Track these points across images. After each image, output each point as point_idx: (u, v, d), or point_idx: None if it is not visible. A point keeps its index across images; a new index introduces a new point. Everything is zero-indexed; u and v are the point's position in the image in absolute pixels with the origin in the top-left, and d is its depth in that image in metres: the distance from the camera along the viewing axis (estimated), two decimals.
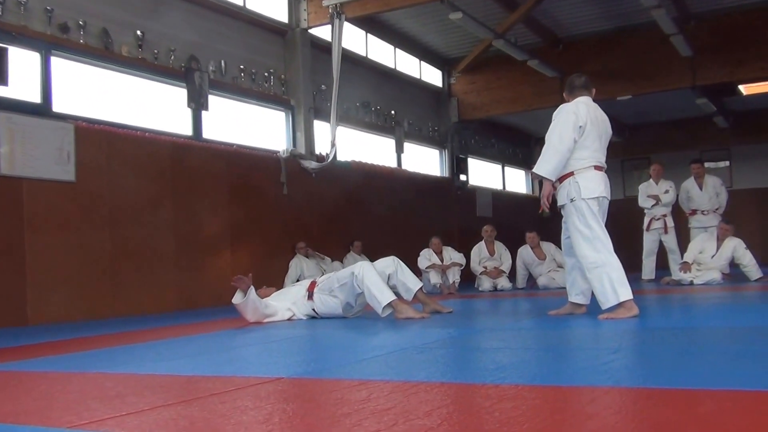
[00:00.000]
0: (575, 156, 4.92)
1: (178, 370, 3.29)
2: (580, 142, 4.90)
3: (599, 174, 4.98)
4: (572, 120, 4.89)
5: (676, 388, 2.32)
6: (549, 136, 4.96)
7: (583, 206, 4.88)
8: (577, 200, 4.90)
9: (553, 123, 4.99)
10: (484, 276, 10.17)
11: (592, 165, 4.96)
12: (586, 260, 4.87)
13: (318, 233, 10.22)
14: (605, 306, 4.81)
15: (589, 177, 4.92)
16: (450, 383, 2.62)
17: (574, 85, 5.19)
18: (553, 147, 4.90)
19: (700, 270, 9.06)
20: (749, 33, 11.67)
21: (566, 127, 4.88)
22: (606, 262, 4.79)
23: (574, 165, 4.93)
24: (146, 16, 8.33)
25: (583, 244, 4.90)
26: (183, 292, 8.24)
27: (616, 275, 4.77)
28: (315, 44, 10.69)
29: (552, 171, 4.91)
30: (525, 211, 17.03)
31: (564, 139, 4.86)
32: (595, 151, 4.97)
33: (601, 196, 4.94)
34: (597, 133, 4.99)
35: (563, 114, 4.97)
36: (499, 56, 12.63)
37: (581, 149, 4.92)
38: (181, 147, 8.43)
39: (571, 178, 4.94)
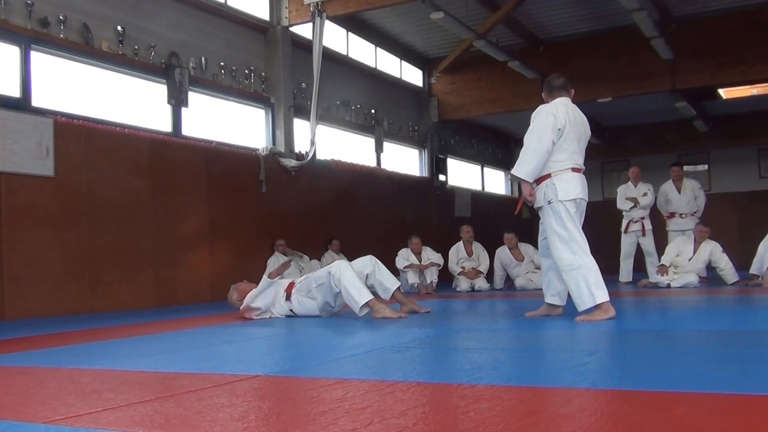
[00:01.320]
0: (553, 158, 4.91)
1: (155, 367, 3.28)
2: (558, 144, 4.90)
3: (577, 175, 4.98)
4: (551, 122, 4.88)
5: (652, 391, 2.34)
6: (527, 138, 4.96)
7: (560, 208, 4.88)
8: (554, 202, 4.90)
9: (532, 125, 4.99)
10: (461, 276, 10.19)
11: (570, 167, 4.95)
12: (562, 262, 4.89)
13: (296, 231, 10.20)
14: (582, 308, 4.83)
15: (566, 179, 4.92)
16: (426, 383, 2.62)
17: (553, 85, 5.20)
18: (531, 149, 4.89)
19: (677, 273, 9.14)
20: (730, 37, 11.79)
21: (545, 129, 4.87)
22: (582, 264, 4.80)
23: (551, 167, 4.92)
24: (127, 12, 8.27)
25: (559, 245, 4.91)
26: (161, 289, 8.19)
27: (593, 277, 4.78)
28: (296, 42, 10.67)
29: (530, 173, 4.91)
30: (504, 212, 17.09)
31: (542, 141, 4.85)
32: (572, 153, 4.97)
33: (579, 198, 4.94)
34: (575, 134, 4.98)
35: (542, 115, 4.96)
36: (480, 57, 12.66)
37: (559, 151, 4.91)
38: (161, 143, 8.38)
39: (548, 179, 4.94)
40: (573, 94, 5.22)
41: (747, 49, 11.64)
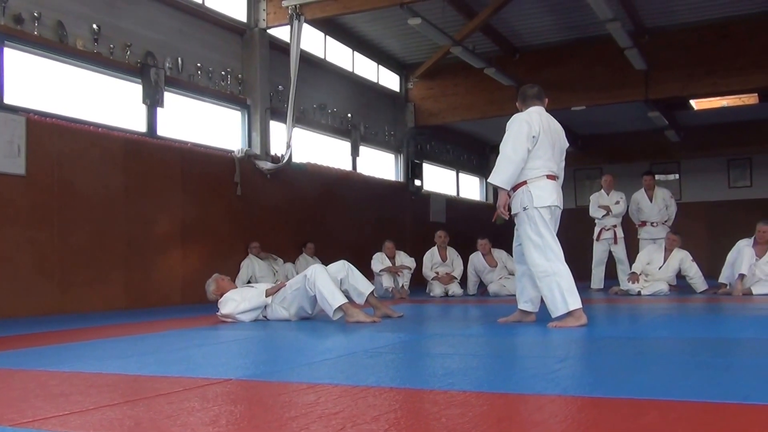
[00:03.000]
0: (528, 165, 4.95)
1: (124, 370, 3.25)
2: (533, 152, 4.94)
3: (552, 183, 5.03)
4: (525, 130, 4.93)
5: (622, 398, 2.36)
6: (503, 146, 5.00)
7: (535, 215, 4.92)
8: (530, 209, 4.93)
9: (507, 133, 5.03)
10: (435, 282, 10.21)
11: (545, 174, 5.00)
12: (536, 268, 4.92)
13: (271, 234, 10.16)
14: (555, 314, 4.86)
15: (541, 186, 4.97)
16: (398, 388, 2.62)
17: (527, 95, 5.25)
18: (507, 157, 4.94)
19: (647, 281, 9.23)
20: (701, 49, 11.95)
21: (519, 137, 4.92)
22: (556, 271, 4.84)
23: (527, 174, 4.97)
24: (103, 11, 8.20)
25: (534, 252, 4.94)
26: (132, 291, 8.12)
27: (566, 284, 4.82)
28: (273, 45, 10.65)
29: (507, 180, 4.95)
30: (478, 218, 17.15)
31: (517, 149, 4.90)
32: (547, 161, 5.02)
33: (554, 205, 4.98)
34: (549, 142, 5.04)
35: (516, 124, 5.01)
36: (457, 63, 12.71)
37: (534, 158, 4.95)
38: (135, 143, 8.32)
39: (524, 186, 4.97)
40: (547, 103, 5.27)
41: (718, 61, 11.81)
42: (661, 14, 11.74)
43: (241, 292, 5.98)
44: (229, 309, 5.76)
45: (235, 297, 5.82)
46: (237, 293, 5.91)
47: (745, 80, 11.85)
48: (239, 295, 5.87)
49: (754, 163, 17.53)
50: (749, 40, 11.65)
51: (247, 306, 5.72)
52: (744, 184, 17.62)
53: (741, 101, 14.22)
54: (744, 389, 2.49)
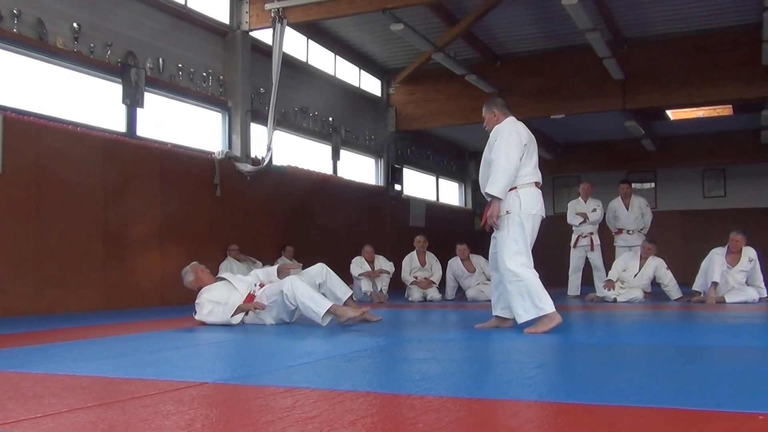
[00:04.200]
0: (519, 173, 5.04)
1: (99, 372, 3.22)
2: (523, 160, 5.04)
3: (538, 191, 5.16)
4: (515, 139, 5.02)
5: (597, 404, 2.39)
6: (497, 156, 5.03)
7: (517, 221, 5.00)
8: (513, 213, 5.01)
9: (498, 143, 5.08)
10: (414, 286, 10.23)
11: (533, 181, 5.12)
12: (508, 272, 4.99)
13: (250, 236, 10.13)
14: (522, 319, 4.94)
15: (530, 193, 5.08)
16: (376, 393, 2.63)
17: (505, 105, 5.41)
18: (502, 167, 4.98)
19: (623, 288, 9.32)
20: (678, 61, 12.10)
21: (511, 146, 5.00)
22: (527, 277, 4.92)
23: (517, 181, 5.04)
24: (84, 9, 8.14)
25: (508, 255, 5.00)
26: (109, 291, 8.05)
27: (535, 289, 4.90)
28: (255, 47, 10.63)
29: (503, 190, 5.00)
30: (457, 223, 17.26)
31: (511, 158, 4.97)
32: (534, 167, 5.14)
33: (539, 214, 5.11)
34: (533, 150, 5.17)
35: (505, 134, 5.07)
36: (438, 69, 12.76)
37: (524, 166, 5.06)
38: (114, 143, 8.26)
39: (513, 191, 5.04)
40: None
41: (694, 73, 11.96)
42: (639, 25, 11.87)
43: (216, 292, 5.85)
44: (200, 316, 5.74)
45: (207, 303, 5.74)
46: (212, 295, 5.80)
47: (721, 92, 12.02)
48: (213, 297, 5.79)
49: (728, 173, 17.74)
50: (725, 52, 11.81)
51: (215, 320, 5.67)
52: (718, 194, 17.83)
53: (716, 112, 14.41)
54: (716, 396, 2.53)
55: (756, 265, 8.84)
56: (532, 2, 11.02)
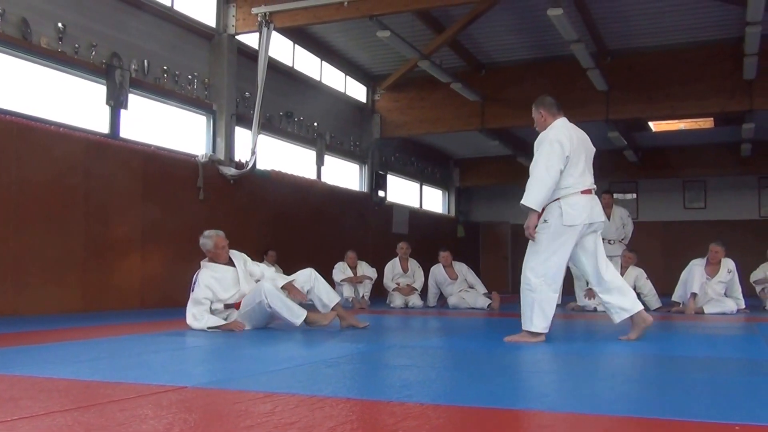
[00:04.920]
0: (560, 185, 4.85)
1: (78, 375, 3.21)
2: (566, 171, 4.85)
3: (586, 198, 4.93)
4: (557, 151, 4.83)
5: (573, 413, 2.40)
6: (534, 168, 4.87)
7: (552, 231, 4.83)
8: (551, 224, 4.83)
9: (537, 153, 4.91)
10: (396, 293, 10.24)
11: (579, 191, 4.90)
12: (525, 279, 4.86)
13: (232, 241, 10.00)
14: (525, 327, 4.85)
15: (573, 203, 4.86)
16: (356, 399, 2.64)
17: (554, 104, 5.24)
18: (539, 179, 4.81)
19: None
20: (661, 73, 12.21)
21: (551, 158, 4.82)
22: (540, 291, 4.80)
23: (559, 193, 4.86)
24: (69, 9, 8.10)
25: (532, 262, 4.86)
26: (89, 293, 8.00)
27: (545, 306, 4.78)
28: (241, 51, 10.62)
29: (539, 202, 4.82)
30: (440, 231, 17.30)
31: (550, 171, 4.79)
32: (580, 176, 4.93)
33: (585, 223, 4.88)
34: (582, 156, 4.98)
35: (546, 145, 4.90)
36: (424, 77, 12.79)
37: (566, 177, 4.86)
38: (97, 144, 8.21)
39: (555, 202, 4.86)
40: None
41: (676, 85, 12.08)
42: (623, 38, 11.97)
43: (218, 280, 5.75)
44: (192, 295, 5.69)
45: (203, 289, 5.64)
46: (210, 282, 5.69)
47: (702, 104, 12.14)
48: (211, 285, 5.68)
49: (708, 185, 17.93)
50: (707, 66, 11.94)
51: (194, 313, 5.62)
52: (699, 205, 18.00)
53: (698, 125, 14.54)
54: (693, 406, 2.55)
55: (734, 277, 8.93)
56: (518, 12, 11.09)
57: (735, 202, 17.69)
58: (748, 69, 11.04)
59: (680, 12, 10.93)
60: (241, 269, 5.83)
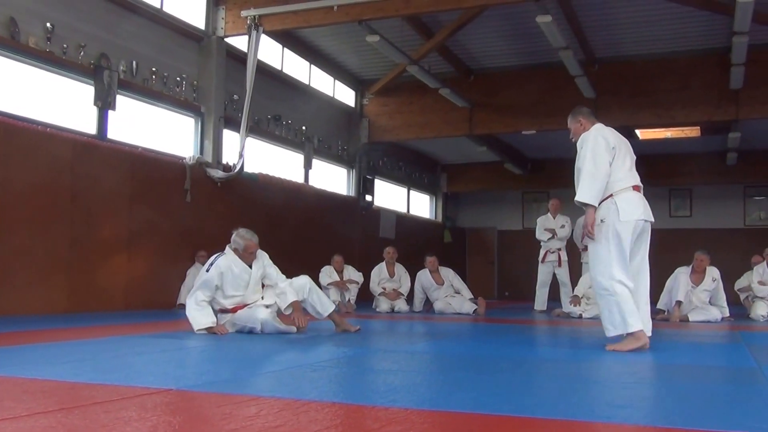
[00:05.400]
0: (612, 178, 4.81)
1: (62, 376, 3.19)
2: (614, 164, 4.82)
3: (638, 195, 4.90)
4: (602, 144, 4.82)
5: (556, 419, 2.42)
6: (583, 163, 4.86)
7: (612, 229, 4.75)
8: (609, 223, 4.76)
9: (583, 150, 4.91)
10: (382, 297, 10.25)
11: (631, 185, 4.87)
12: (597, 284, 4.80)
13: (219, 243, 9.99)
14: (611, 334, 4.76)
15: (628, 198, 4.82)
16: (341, 403, 2.64)
17: (591, 112, 5.22)
18: (589, 173, 4.79)
19: (589, 304, 9.40)
20: (648, 82, 12.29)
21: (598, 151, 4.80)
22: (618, 291, 4.69)
23: (612, 187, 4.81)
24: (58, 9, 8.07)
25: (598, 266, 4.80)
26: (74, 294, 7.95)
27: (626, 305, 4.67)
28: (230, 53, 10.61)
29: (594, 196, 4.77)
30: (427, 236, 17.31)
31: (599, 164, 4.77)
32: (629, 170, 4.91)
33: (640, 219, 4.84)
34: (626, 153, 4.96)
35: (591, 140, 4.88)
36: (412, 82, 12.82)
37: (616, 170, 4.82)
38: (84, 145, 8.18)
39: (609, 199, 4.81)
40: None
41: (663, 94, 12.16)
42: (611, 46, 12.04)
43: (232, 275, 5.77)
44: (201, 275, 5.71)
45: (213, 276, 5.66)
46: (223, 275, 5.71)
47: (689, 113, 12.23)
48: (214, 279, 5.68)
49: (694, 193, 18.05)
50: (694, 75, 12.04)
51: (193, 312, 5.61)
52: (684, 213, 18.11)
53: (684, 133, 14.63)
54: (679, 414, 2.57)
55: (719, 285, 8.99)
56: (507, 18, 11.14)
57: (720, 211, 17.81)
58: (735, 78, 11.13)
59: (668, 21, 11.01)
60: (255, 277, 5.80)
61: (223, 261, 5.74)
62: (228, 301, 5.74)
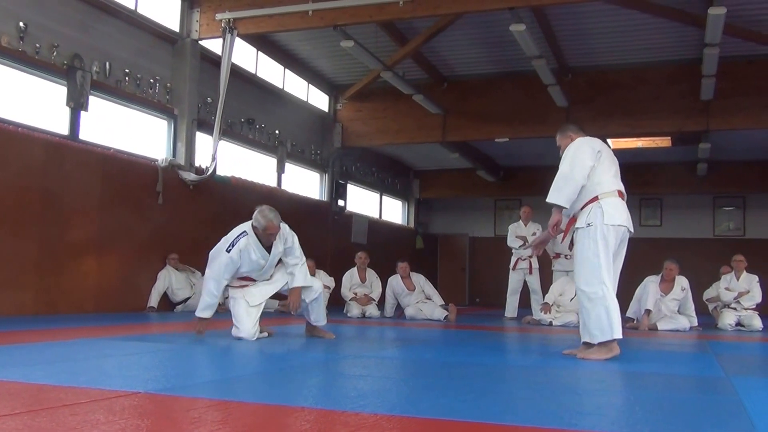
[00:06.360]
0: (597, 180, 4.76)
1: (29, 378, 3.16)
2: (600, 167, 4.77)
3: (622, 201, 4.85)
4: (586, 150, 4.79)
5: (527, 426, 2.44)
6: (561, 165, 4.83)
7: (599, 233, 4.68)
8: (595, 225, 4.69)
9: (565, 155, 4.87)
10: (353, 302, 10.24)
11: (616, 189, 4.83)
12: (586, 289, 4.69)
13: (191, 246, 10.02)
14: (595, 340, 4.68)
15: (613, 203, 4.76)
16: (310, 408, 2.64)
17: (579, 127, 5.19)
18: (563, 175, 4.76)
19: (559, 312, 9.48)
20: (620, 91, 12.43)
21: (578, 156, 4.77)
22: (606, 296, 4.63)
23: (597, 189, 4.76)
24: (31, 8, 7.99)
25: (585, 271, 4.72)
26: (43, 296, 7.86)
27: (614, 312, 4.63)
28: (204, 56, 10.56)
29: (564, 198, 4.72)
30: (399, 241, 17.34)
31: (575, 167, 4.73)
32: (614, 176, 4.86)
33: (624, 226, 4.79)
34: (612, 160, 4.92)
35: (574, 146, 4.87)
36: (386, 88, 12.85)
37: (602, 174, 4.78)
38: (56, 146, 8.10)
39: (595, 202, 4.75)
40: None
41: (635, 104, 12.30)
42: (584, 55, 12.16)
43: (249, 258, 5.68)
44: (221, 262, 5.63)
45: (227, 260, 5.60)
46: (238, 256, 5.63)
47: (660, 123, 12.39)
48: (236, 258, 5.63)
49: (664, 203, 18.28)
50: (665, 86, 12.19)
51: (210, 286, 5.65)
52: (654, 223, 18.32)
53: (655, 143, 14.81)
54: (645, 423, 2.61)
55: (688, 294, 9.10)
56: (481, 27, 11.21)
57: (690, 221, 18.05)
58: (706, 90, 11.28)
59: (640, 32, 11.14)
60: (270, 263, 5.73)
61: (243, 242, 5.62)
62: (237, 282, 5.74)
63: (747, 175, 16.35)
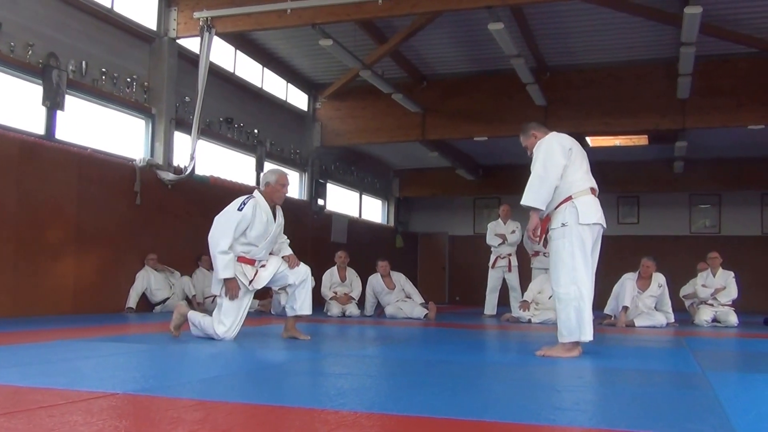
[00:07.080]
0: (570, 180, 4.74)
1: (6, 380, 3.14)
2: (572, 166, 4.76)
3: (595, 199, 4.85)
4: (557, 149, 4.75)
5: (509, 422, 2.46)
6: (533, 167, 4.79)
7: (574, 233, 4.66)
8: (570, 225, 4.67)
9: (536, 155, 4.83)
10: (333, 301, 10.23)
11: (589, 187, 4.81)
12: (559, 289, 4.69)
13: (169, 246, 9.97)
14: (565, 339, 4.68)
15: (587, 202, 4.75)
16: (290, 407, 2.64)
17: (541, 124, 5.17)
18: (538, 176, 4.71)
19: (538, 309, 9.54)
20: (597, 90, 12.53)
21: (550, 155, 4.72)
22: (580, 296, 4.61)
23: (571, 189, 4.73)
24: (5, 6, 7.90)
25: (560, 271, 4.69)
26: (20, 297, 7.78)
27: (586, 313, 4.61)
28: (182, 55, 10.51)
29: (540, 200, 4.69)
30: (379, 240, 17.35)
31: (549, 168, 4.69)
32: (586, 173, 4.85)
33: (598, 223, 4.79)
34: (583, 156, 4.91)
35: (545, 144, 4.82)
36: (365, 86, 12.85)
37: (574, 172, 4.76)
38: (31, 146, 8.02)
39: (569, 202, 4.72)
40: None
41: (612, 102, 12.41)
42: (561, 54, 12.24)
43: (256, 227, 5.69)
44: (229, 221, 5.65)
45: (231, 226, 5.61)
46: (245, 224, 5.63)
47: (637, 122, 12.49)
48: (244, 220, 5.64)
49: (641, 201, 18.42)
50: (642, 84, 12.31)
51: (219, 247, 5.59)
52: (632, 220, 18.46)
53: (632, 141, 14.94)
54: (623, 417, 2.63)
55: (665, 291, 9.18)
56: (460, 25, 11.25)
57: (667, 218, 18.21)
58: (682, 88, 11.39)
59: (617, 31, 11.23)
60: (276, 228, 5.77)
61: (251, 205, 5.61)
62: (242, 248, 5.61)
63: (722, 173, 16.52)
